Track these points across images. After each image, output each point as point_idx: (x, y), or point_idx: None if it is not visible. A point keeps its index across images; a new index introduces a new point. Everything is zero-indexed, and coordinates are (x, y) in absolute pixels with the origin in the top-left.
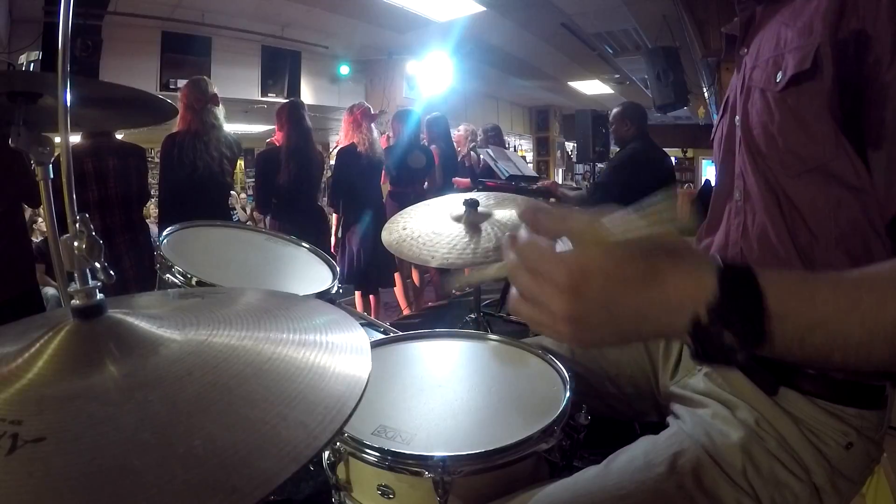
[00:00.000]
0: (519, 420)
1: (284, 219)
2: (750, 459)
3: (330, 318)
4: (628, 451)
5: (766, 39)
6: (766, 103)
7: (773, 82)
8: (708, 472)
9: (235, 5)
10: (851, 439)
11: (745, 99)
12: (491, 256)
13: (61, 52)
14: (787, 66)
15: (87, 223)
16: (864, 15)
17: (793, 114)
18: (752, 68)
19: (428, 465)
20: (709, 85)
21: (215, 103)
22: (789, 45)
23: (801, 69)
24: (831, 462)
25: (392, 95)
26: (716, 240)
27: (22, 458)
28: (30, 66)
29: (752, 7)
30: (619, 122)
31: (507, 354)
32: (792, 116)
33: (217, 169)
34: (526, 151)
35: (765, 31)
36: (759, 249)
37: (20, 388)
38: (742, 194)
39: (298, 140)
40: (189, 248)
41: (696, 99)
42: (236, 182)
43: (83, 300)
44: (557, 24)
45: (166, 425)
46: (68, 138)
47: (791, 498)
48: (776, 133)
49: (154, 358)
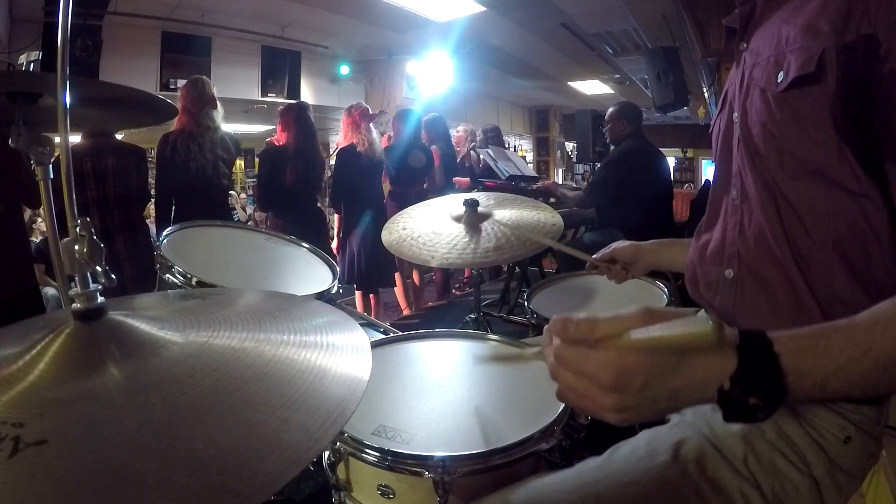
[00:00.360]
0: (519, 420)
1: (285, 218)
2: (751, 449)
3: (330, 319)
4: (630, 443)
5: (767, 36)
6: (766, 103)
7: (773, 82)
8: (711, 459)
9: (235, 5)
10: (850, 434)
11: (745, 97)
12: (490, 256)
13: (61, 52)
14: (789, 66)
15: (88, 227)
16: (875, 21)
17: (793, 116)
18: (753, 65)
19: (428, 465)
20: (709, 85)
21: (212, 106)
22: (791, 45)
23: (804, 71)
24: (830, 456)
25: (392, 95)
26: (713, 237)
27: (24, 461)
28: (30, 66)
29: (753, 1)
30: (616, 120)
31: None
32: (792, 118)
33: (211, 171)
34: (526, 151)
35: (765, 27)
36: (756, 249)
37: (21, 390)
38: (739, 193)
39: (305, 142)
40: (189, 249)
41: (696, 99)
42: (236, 182)
43: (84, 303)
44: (557, 24)
45: (168, 428)
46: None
47: (791, 489)
48: (776, 134)
49: (155, 360)
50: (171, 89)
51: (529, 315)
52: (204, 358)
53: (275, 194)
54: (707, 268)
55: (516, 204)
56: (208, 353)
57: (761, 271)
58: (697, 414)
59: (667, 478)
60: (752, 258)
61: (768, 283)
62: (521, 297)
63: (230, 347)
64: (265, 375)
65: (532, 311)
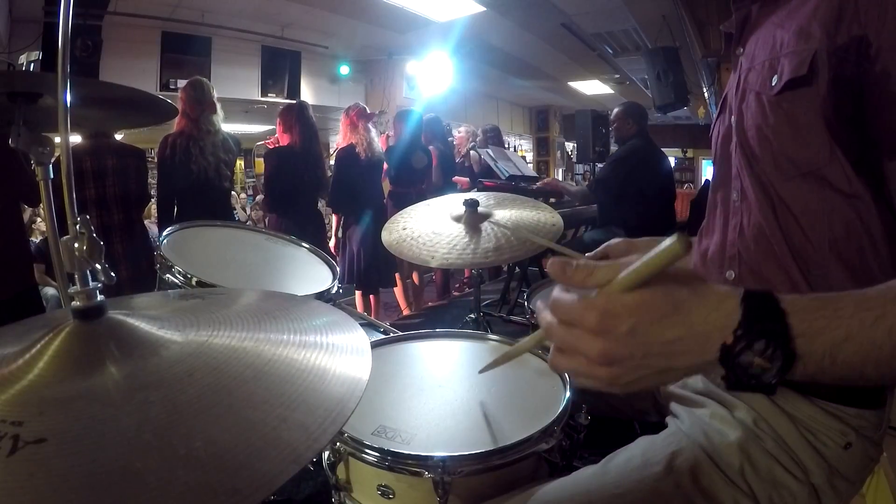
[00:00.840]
0: (519, 420)
1: (288, 218)
2: (748, 459)
3: (330, 319)
4: (627, 451)
5: (762, 41)
6: (760, 106)
7: (768, 86)
8: (705, 471)
9: (235, 5)
10: (850, 439)
11: (741, 101)
12: (490, 256)
13: (61, 52)
14: (782, 70)
15: (88, 224)
16: (865, 22)
17: (787, 118)
18: (748, 70)
19: (428, 465)
20: (709, 85)
21: (212, 111)
22: (785, 49)
23: (796, 74)
24: (830, 462)
25: (392, 96)
26: (714, 239)
27: (23, 460)
28: (30, 66)
29: (748, 6)
30: (622, 120)
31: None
32: (786, 121)
33: (213, 173)
34: (526, 151)
35: (760, 32)
36: (755, 250)
37: (21, 389)
38: (739, 194)
39: (310, 141)
40: (189, 249)
41: (696, 99)
42: (236, 182)
43: (84, 301)
44: (557, 24)
45: (167, 427)
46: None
47: (789, 498)
48: (770, 136)
49: (155, 359)
50: (171, 89)
51: (529, 315)
52: (203, 357)
53: (282, 195)
54: (709, 270)
55: (516, 204)
56: (208, 352)
57: (762, 271)
58: (694, 423)
59: (659, 490)
60: (752, 258)
61: (770, 282)
62: (521, 297)
63: (230, 347)
64: (264, 374)
65: (532, 311)
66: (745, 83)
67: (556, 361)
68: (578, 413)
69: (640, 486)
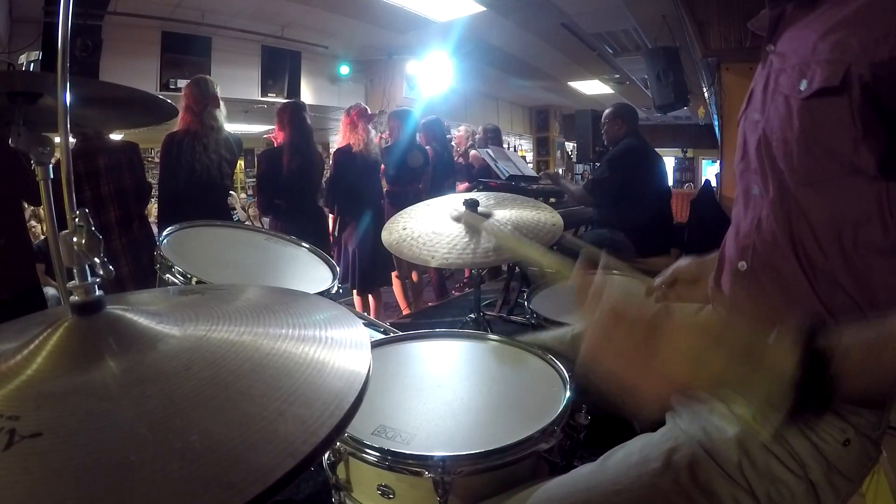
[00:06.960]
0: (519, 420)
1: (285, 219)
2: (746, 454)
3: (330, 314)
4: (625, 448)
5: (795, 43)
6: (787, 110)
7: (797, 89)
8: (703, 467)
9: (235, 5)
10: (849, 436)
11: (769, 101)
12: (490, 256)
13: (61, 52)
14: (813, 76)
15: (87, 218)
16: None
17: (812, 125)
18: (780, 71)
19: (428, 465)
20: (709, 85)
21: (215, 105)
22: (818, 56)
23: (828, 84)
24: (828, 458)
25: (392, 96)
26: (729, 231)
27: (18, 454)
28: (30, 66)
29: (783, 4)
30: (612, 121)
31: (507, 354)
32: (811, 126)
33: (216, 172)
34: (526, 151)
35: (793, 32)
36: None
37: (19, 383)
38: (760, 189)
39: (300, 141)
40: (189, 248)
41: (696, 99)
42: (236, 182)
43: (82, 296)
44: (557, 24)
45: (163, 420)
46: (68, 138)
47: (787, 493)
48: (793, 140)
49: (153, 353)
50: (171, 89)
51: (529, 315)
52: (201, 351)
53: (273, 197)
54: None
55: (516, 204)
56: (206, 346)
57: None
58: (692, 419)
59: (658, 486)
60: (764, 256)
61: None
62: (521, 297)
63: (228, 341)
64: (262, 368)
65: (532, 311)
66: (775, 84)
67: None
68: (578, 413)
69: (638, 483)
